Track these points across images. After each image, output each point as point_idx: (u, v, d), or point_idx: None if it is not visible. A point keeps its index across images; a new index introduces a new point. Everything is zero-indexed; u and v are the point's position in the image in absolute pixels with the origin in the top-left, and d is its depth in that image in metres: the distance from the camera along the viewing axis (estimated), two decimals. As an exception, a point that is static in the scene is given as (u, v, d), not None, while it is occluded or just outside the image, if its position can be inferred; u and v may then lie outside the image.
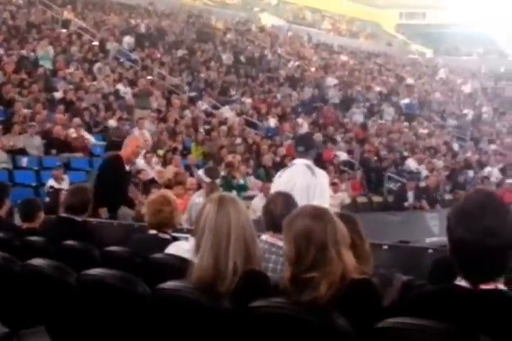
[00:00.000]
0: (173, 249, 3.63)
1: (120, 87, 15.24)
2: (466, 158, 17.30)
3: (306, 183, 5.22)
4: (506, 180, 15.34)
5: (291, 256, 2.32)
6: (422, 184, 14.01)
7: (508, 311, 1.91)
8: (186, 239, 3.89)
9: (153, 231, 4.13)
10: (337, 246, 2.30)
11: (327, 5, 35.33)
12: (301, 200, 3.73)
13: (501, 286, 1.98)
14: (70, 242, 3.97)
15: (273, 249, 3.44)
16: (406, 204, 13.22)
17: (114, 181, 6.64)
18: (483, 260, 1.95)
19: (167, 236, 4.09)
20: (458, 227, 1.97)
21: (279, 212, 3.48)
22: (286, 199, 3.61)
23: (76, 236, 4.09)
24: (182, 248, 3.54)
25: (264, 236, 3.56)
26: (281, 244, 3.49)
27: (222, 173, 10.73)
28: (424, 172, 15.14)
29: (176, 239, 4.00)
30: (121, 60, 17.50)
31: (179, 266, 2.82)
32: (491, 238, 1.93)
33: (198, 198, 7.69)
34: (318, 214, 2.38)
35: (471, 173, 16.14)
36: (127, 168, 6.92)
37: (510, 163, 17.23)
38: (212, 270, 2.43)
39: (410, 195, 13.32)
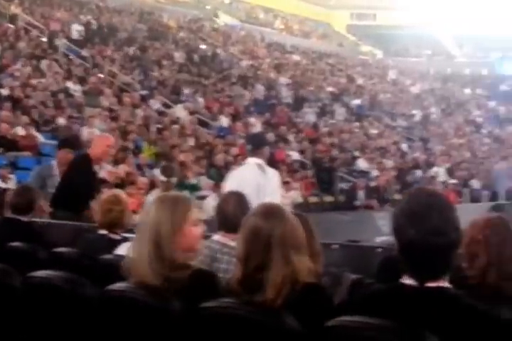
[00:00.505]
0: (123, 249, 3.59)
1: (69, 84, 15.00)
2: (414, 158, 17.57)
3: (257, 182, 5.23)
4: (451, 181, 15.65)
5: (241, 255, 2.32)
6: (372, 184, 14.19)
7: (452, 308, 1.94)
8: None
9: (103, 232, 4.08)
10: (284, 247, 2.28)
11: (280, 5, 35.47)
12: (252, 199, 3.73)
13: (446, 284, 2.01)
14: (15, 243, 3.87)
15: (225, 250, 3.42)
16: (356, 203, 13.37)
17: (81, 181, 6.28)
18: (431, 259, 1.98)
19: (117, 237, 4.04)
20: (407, 228, 2.00)
21: (231, 211, 3.48)
22: (238, 199, 3.60)
23: (22, 237, 4.01)
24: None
25: (216, 237, 3.54)
26: (233, 244, 3.47)
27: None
28: (374, 172, 15.34)
29: (126, 239, 3.96)
30: (71, 56, 17.23)
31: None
32: (439, 237, 1.96)
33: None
34: (270, 213, 2.36)
35: (419, 173, 16.40)
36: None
37: (456, 163, 17.59)
38: (146, 268, 2.42)
39: (361, 193, 13.49)
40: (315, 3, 37.04)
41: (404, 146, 19.15)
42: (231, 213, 3.46)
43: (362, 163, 16.00)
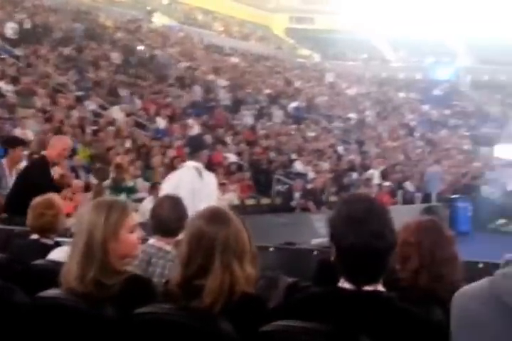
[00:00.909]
0: (56, 254, 3.51)
1: (1, 84, 14.59)
2: (350, 161, 17.82)
3: (192, 186, 5.22)
4: (385, 183, 15.96)
5: (182, 259, 2.29)
6: (309, 186, 14.33)
7: (387, 312, 1.98)
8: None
9: (35, 236, 3.98)
10: (226, 254, 2.26)
11: (219, 7, 35.43)
12: (188, 203, 3.71)
13: (381, 287, 2.04)
14: None
15: (160, 254, 3.40)
16: (293, 203, 13.48)
17: (39, 183, 5.94)
18: (370, 262, 2.01)
19: (50, 241, 3.95)
20: (347, 233, 2.02)
21: (166, 215, 3.45)
22: (173, 203, 3.57)
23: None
24: (66, 253, 3.43)
25: (152, 241, 3.51)
26: (168, 248, 3.46)
27: (111, 175, 10.52)
28: (311, 175, 15.50)
29: (58, 244, 3.87)
30: (3, 55, 16.78)
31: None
32: (379, 240, 1.99)
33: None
34: (215, 217, 2.34)
35: (355, 175, 16.65)
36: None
37: (390, 165, 17.94)
38: (78, 274, 2.38)
39: (297, 195, 13.62)
40: (254, 6, 37.17)
41: (340, 149, 19.41)
42: (166, 217, 3.44)
43: (299, 166, 16.14)
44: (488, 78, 30.78)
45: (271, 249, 4.13)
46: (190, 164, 5.49)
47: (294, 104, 22.32)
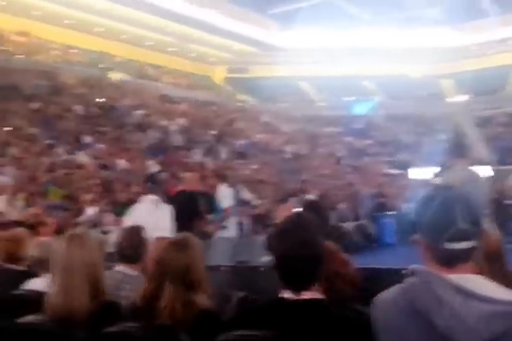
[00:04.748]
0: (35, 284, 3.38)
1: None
2: (291, 188, 17.87)
3: (150, 217, 5.15)
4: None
5: (144, 282, 2.26)
6: (256, 211, 14.32)
7: (324, 317, 1.96)
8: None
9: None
10: (174, 281, 2.23)
11: (167, 62, 35.54)
12: (148, 232, 3.65)
13: (319, 295, 2.03)
14: None
15: (126, 279, 3.33)
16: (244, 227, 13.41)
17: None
18: (302, 269, 2.00)
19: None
20: (279, 243, 2.02)
21: (127, 244, 3.42)
22: (133, 232, 3.53)
23: None
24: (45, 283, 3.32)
25: (118, 267, 3.44)
26: (133, 273, 3.39)
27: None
28: (257, 202, 15.50)
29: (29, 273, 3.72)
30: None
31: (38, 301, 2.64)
32: (305, 249, 1.99)
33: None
34: (173, 246, 2.30)
35: (295, 200, 16.68)
36: None
37: (324, 190, 18.10)
38: (63, 302, 2.31)
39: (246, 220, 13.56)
40: (197, 60, 37.46)
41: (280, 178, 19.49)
42: (127, 246, 3.39)
43: (247, 195, 16.12)
44: (398, 111, 31.58)
45: (224, 268, 4.08)
46: (148, 198, 5.44)
47: (238, 142, 22.43)
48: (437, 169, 8.24)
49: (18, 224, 9.29)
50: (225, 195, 8.19)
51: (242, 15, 35.08)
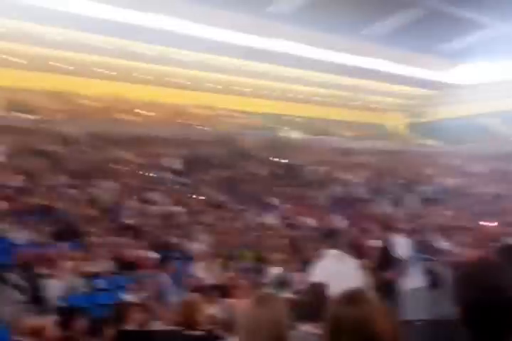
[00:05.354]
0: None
1: (175, 207, 15.34)
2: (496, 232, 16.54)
3: (334, 272, 4.99)
4: None
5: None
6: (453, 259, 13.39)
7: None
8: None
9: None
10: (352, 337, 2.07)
11: (336, 115, 35.76)
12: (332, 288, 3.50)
13: None
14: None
15: (309, 337, 3.22)
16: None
17: None
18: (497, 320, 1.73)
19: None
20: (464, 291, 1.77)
21: (309, 302, 3.31)
22: (315, 290, 3.41)
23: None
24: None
25: (303, 327, 3.34)
26: (316, 332, 3.25)
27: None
28: (455, 250, 14.50)
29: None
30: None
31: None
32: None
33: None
34: (347, 300, 2.16)
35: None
36: None
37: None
38: None
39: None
40: (370, 109, 37.43)
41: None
42: (308, 303, 3.29)
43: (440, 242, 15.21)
44: None
45: (417, 323, 3.75)
46: (331, 252, 5.34)
47: (428, 188, 21.63)
48: None
49: (215, 288, 9.72)
50: (402, 245, 7.75)
51: (408, 58, 34.32)
